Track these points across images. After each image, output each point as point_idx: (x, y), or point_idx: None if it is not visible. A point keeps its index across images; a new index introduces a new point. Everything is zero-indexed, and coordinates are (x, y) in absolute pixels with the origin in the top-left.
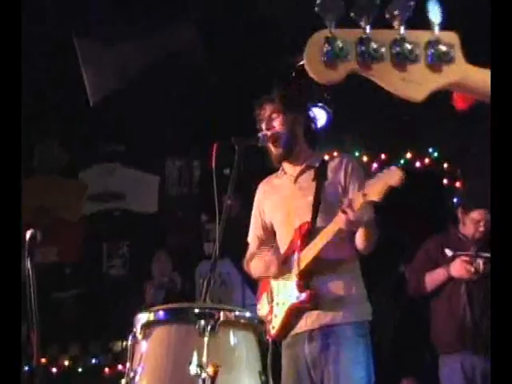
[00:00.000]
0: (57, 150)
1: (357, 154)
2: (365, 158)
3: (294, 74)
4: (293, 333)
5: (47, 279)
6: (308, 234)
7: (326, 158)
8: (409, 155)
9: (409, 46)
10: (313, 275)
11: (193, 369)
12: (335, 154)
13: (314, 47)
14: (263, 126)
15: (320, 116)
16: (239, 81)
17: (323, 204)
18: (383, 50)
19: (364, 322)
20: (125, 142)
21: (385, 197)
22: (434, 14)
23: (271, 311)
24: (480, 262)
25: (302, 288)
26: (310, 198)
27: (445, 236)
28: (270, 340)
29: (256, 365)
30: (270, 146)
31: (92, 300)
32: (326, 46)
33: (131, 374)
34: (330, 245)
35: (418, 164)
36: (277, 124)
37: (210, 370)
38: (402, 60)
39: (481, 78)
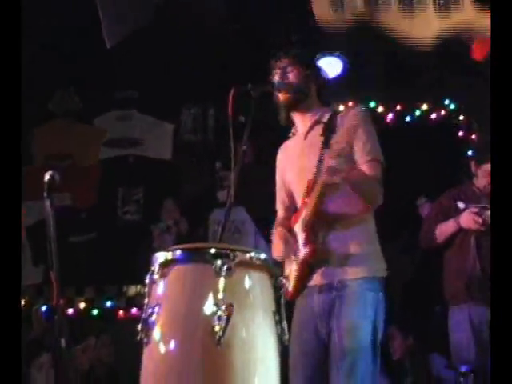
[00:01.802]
0: (73, 96)
1: (372, 104)
2: (380, 109)
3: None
4: (309, 284)
5: (63, 223)
6: (311, 191)
7: (339, 109)
8: (425, 106)
9: None
10: (318, 230)
11: (208, 307)
12: (350, 104)
13: None
14: (276, 77)
15: (336, 65)
16: (258, 29)
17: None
18: None
19: (374, 277)
20: (140, 89)
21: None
22: None
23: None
24: (488, 213)
25: (305, 242)
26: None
27: (459, 189)
28: (283, 282)
29: (270, 305)
30: (279, 94)
31: (107, 244)
32: None
33: (149, 311)
34: (337, 199)
35: (433, 116)
36: (291, 76)
37: (226, 308)
38: (409, 3)
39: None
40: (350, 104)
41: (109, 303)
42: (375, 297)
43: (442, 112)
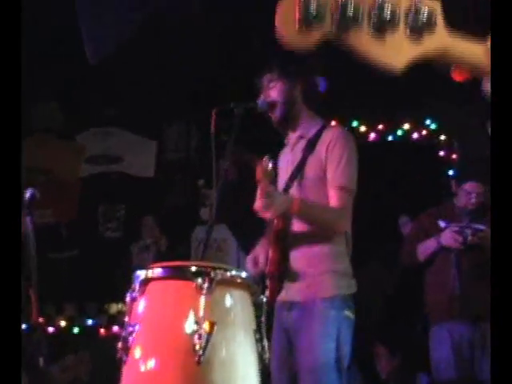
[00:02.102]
0: (55, 112)
1: (355, 123)
2: (363, 128)
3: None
4: (280, 298)
5: (43, 240)
6: None
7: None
8: (406, 126)
9: (388, 11)
10: (286, 247)
11: (189, 326)
12: (333, 123)
13: (287, 10)
14: (262, 95)
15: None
16: (240, 45)
17: (301, 178)
18: (361, 14)
19: (338, 296)
20: (123, 106)
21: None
22: None
23: None
24: (468, 232)
25: (270, 258)
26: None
27: (440, 208)
28: (264, 300)
29: (251, 323)
30: (269, 114)
31: (88, 261)
32: (300, 8)
33: (129, 329)
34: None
35: (415, 135)
36: (274, 92)
37: (207, 326)
38: (380, 26)
39: (465, 48)
40: (333, 123)
41: (90, 321)
42: (338, 315)
43: (424, 132)
